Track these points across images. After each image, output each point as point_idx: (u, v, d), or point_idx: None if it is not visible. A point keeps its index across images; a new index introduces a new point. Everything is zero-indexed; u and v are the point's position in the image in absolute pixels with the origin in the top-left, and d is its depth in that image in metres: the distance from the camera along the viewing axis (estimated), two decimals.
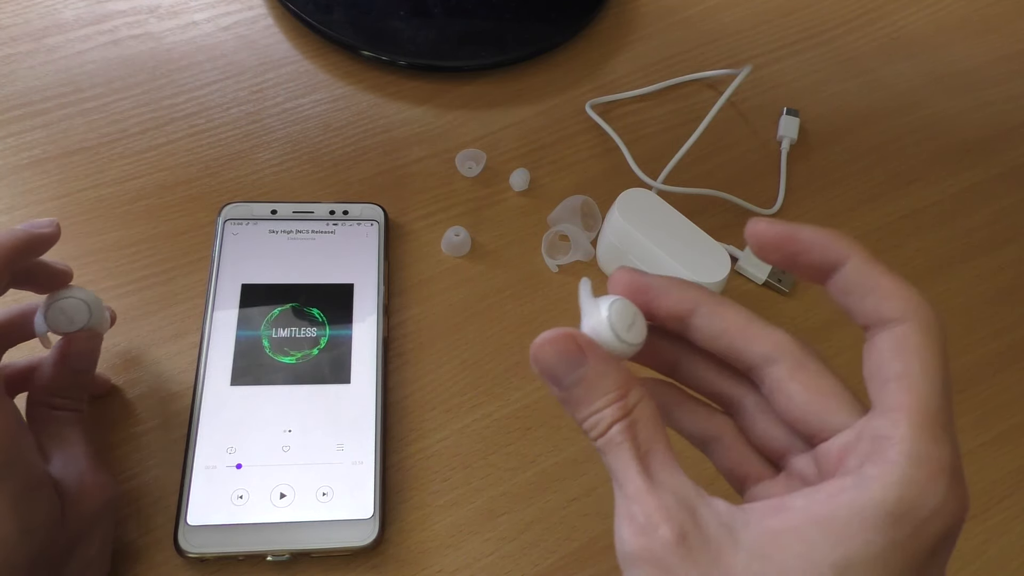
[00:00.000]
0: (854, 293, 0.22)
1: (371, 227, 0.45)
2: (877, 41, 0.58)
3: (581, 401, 0.23)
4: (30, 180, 0.46)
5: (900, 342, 0.22)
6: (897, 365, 0.21)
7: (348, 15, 0.53)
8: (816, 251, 0.22)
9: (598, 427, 0.23)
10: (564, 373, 0.23)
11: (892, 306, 0.22)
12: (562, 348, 0.23)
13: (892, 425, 0.21)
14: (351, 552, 0.37)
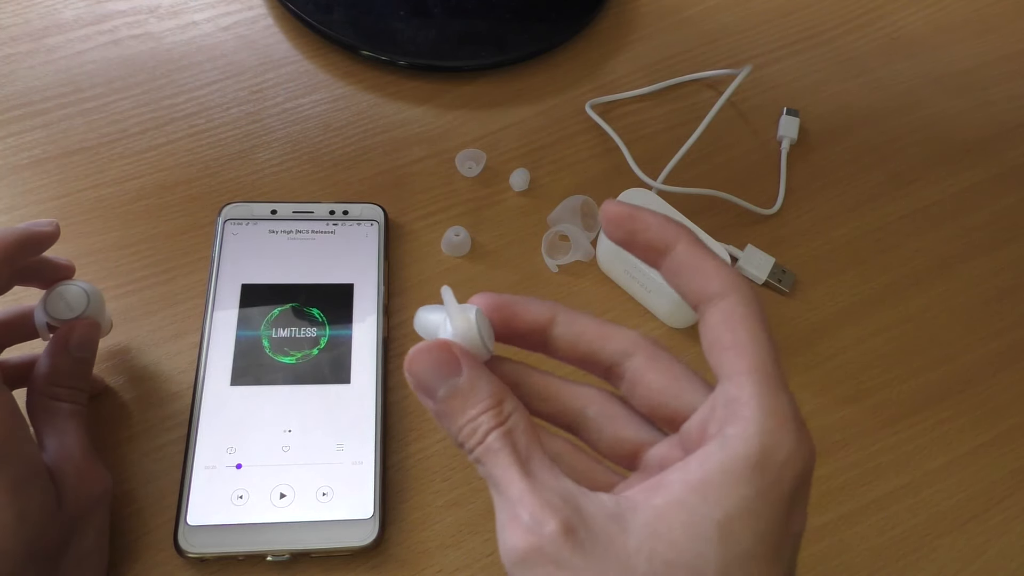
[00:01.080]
0: (683, 273, 0.24)
1: (371, 227, 0.45)
2: (877, 41, 0.58)
3: (456, 412, 0.24)
4: (30, 180, 0.46)
5: (728, 314, 0.23)
6: (729, 335, 0.23)
7: (348, 15, 0.53)
8: (652, 231, 0.24)
9: (475, 435, 0.23)
10: (439, 384, 0.24)
11: (716, 283, 0.24)
12: (437, 358, 0.24)
13: (738, 387, 0.22)
14: (351, 552, 0.37)
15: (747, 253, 0.47)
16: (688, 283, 0.24)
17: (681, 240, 0.24)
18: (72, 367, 0.36)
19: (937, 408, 0.44)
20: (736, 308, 0.23)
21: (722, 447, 0.21)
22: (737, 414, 0.22)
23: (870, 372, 0.45)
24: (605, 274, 0.46)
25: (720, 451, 0.21)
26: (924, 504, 0.41)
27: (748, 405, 0.22)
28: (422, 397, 0.24)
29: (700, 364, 0.44)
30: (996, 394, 0.45)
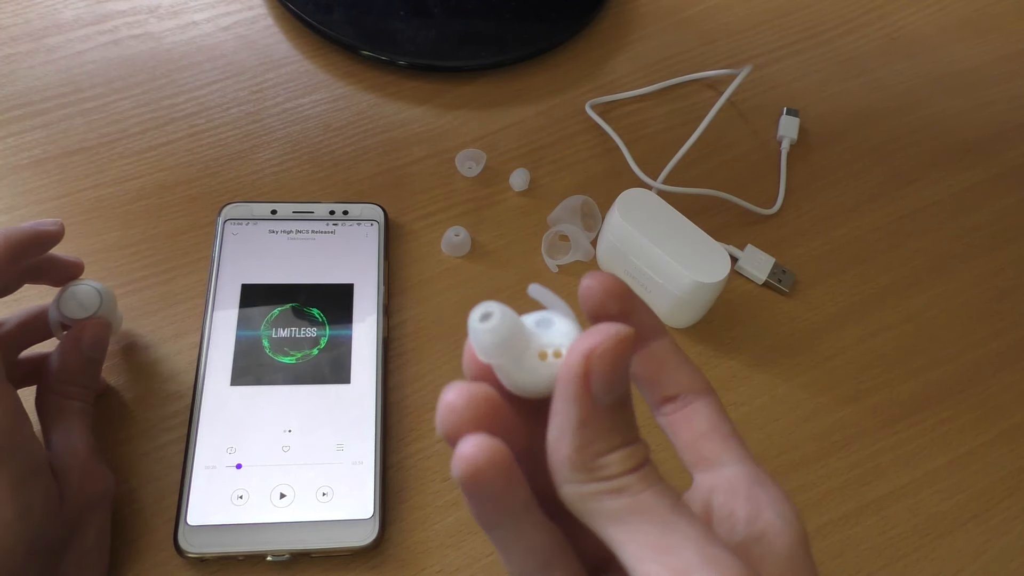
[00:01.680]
0: (669, 364, 0.24)
1: (371, 227, 0.45)
2: (877, 41, 0.58)
3: (614, 428, 0.20)
4: (30, 180, 0.46)
5: (717, 408, 0.24)
6: (726, 425, 0.24)
7: (348, 15, 0.53)
8: (646, 315, 0.24)
9: (629, 460, 0.19)
10: (615, 386, 0.19)
11: (701, 379, 0.24)
12: (624, 355, 0.19)
13: (755, 471, 0.23)
14: (351, 552, 0.37)
15: (747, 253, 0.47)
16: (673, 373, 0.24)
17: (667, 332, 0.24)
18: (83, 366, 0.36)
19: (937, 408, 0.44)
20: (719, 404, 0.24)
21: (785, 522, 0.22)
22: (775, 495, 0.23)
23: (870, 372, 0.45)
24: None
25: (786, 525, 0.22)
26: (924, 504, 0.41)
27: (775, 487, 0.23)
28: (579, 395, 0.19)
29: (697, 364, 0.44)
30: (996, 394, 0.45)
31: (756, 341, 0.45)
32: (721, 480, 0.23)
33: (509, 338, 0.19)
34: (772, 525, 0.22)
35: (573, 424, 0.19)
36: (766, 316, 0.46)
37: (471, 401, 0.20)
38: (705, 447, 0.24)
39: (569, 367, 0.19)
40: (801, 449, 0.42)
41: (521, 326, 0.20)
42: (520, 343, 0.20)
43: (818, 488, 0.41)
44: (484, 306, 0.20)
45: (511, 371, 0.20)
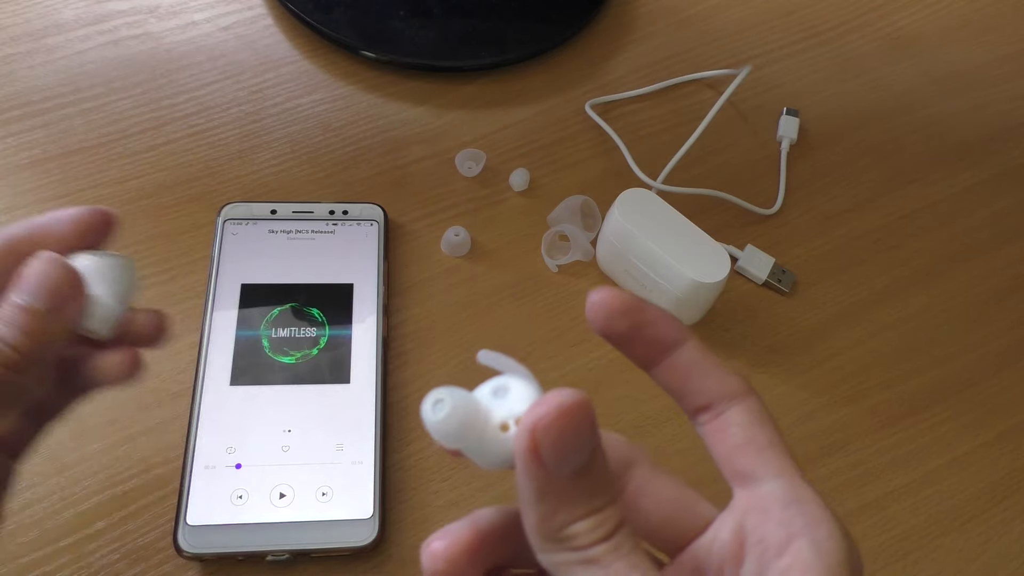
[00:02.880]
0: (696, 371, 0.22)
1: (371, 227, 0.45)
2: (877, 41, 0.58)
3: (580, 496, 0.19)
4: (30, 180, 0.46)
5: (756, 414, 0.22)
6: (765, 433, 0.22)
7: (348, 15, 0.53)
8: (661, 326, 0.22)
9: (600, 529, 0.19)
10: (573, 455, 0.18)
11: (735, 382, 0.22)
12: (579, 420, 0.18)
13: (795, 487, 0.21)
14: (351, 552, 0.37)
15: (747, 253, 0.47)
16: (702, 381, 0.22)
17: (691, 337, 0.22)
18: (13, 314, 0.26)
19: (937, 408, 0.44)
20: (761, 408, 0.22)
21: (818, 554, 0.20)
22: (812, 516, 0.20)
23: (870, 372, 0.45)
24: (605, 274, 0.46)
25: (817, 558, 0.20)
26: (924, 504, 0.41)
27: (817, 506, 0.21)
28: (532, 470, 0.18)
29: None
30: (996, 394, 0.45)
31: (756, 341, 0.45)
32: (756, 499, 0.21)
33: (464, 423, 0.19)
34: (800, 558, 0.20)
35: (532, 497, 0.19)
36: (766, 316, 0.46)
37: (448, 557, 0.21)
38: (740, 460, 0.22)
39: (518, 443, 0.18)
40: (801, 449, 0.42)
41: (475, 407, 0.19)
42: (477, 425, 0.19)
43: (818, 488, 0.40)
44: (434, 394, 0.19)
45: (474, 453, 0.20)
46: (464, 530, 0.21)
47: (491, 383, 0.20)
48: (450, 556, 0.21)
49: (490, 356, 0.20)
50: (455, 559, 0.21)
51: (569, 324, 0.44)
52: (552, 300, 0.45)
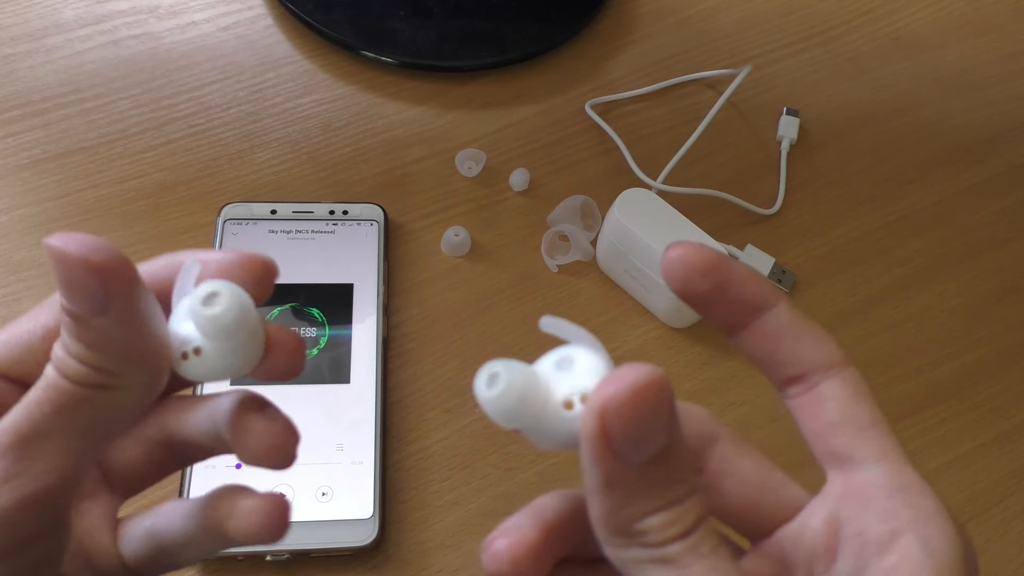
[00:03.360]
0: (788, 337, 0.20)
1: (371, 227, 0.45)
2: (877, 41, 0.58)
3: (659, 484, 0.17)
4: (30, 180, 0.46)
5: (854, 387, 0.20)
6: (866, 410, 0.19)
7: (348, 15, 0.53)
8: (749, 286, 0.20)
9: (680, 523, 0.17)
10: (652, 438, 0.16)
11: (832, 349, 0.20)
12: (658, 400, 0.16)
13: (901, 474, 0.19)
14: (351, 552, 0.37)
15: (747, 253, 0.47)
16: (794, 349, 0.20)
17: (783, 299, 0.20)
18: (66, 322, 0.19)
19: (937, 408, 0.44)
20: (860, 380, 0.20)
21: (928, 553, 0.17)
22: (921, 509, 0.18)
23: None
24: (605, 274, 0.46)
25: (927, 558, 0.17)
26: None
27: (927, 496, 0.19)
28: (600, 456, 0.16)
29: (697, 364, 0.44)
30: (996, 394, 0.45)
31: None
32: (854, 486, 0.19)
33: (523, 399, 0.17)
34: (908, 558, 0.17)
35: (599, 486, 0.16)
36: None
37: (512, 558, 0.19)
38: (835, 440, 0.19)
39: (584, 426, 0.16)
40: (802, 449, 0.42)
41: (534, 381, 0.17)
42: (536, 401, 0.17)
43: (818, 488, 0.41)
44: (488, 367, 0.17)
45: (533, 433, 0.17)
46: (528, 526, 0.19)
47: (554, 354, 0.18)
48: (515, 556, 0.19)
49: (554, 323, 0.18)
50: (520, 559, 0.19)
51: None
52: (552, 300, 0.45)
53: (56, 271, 0.17)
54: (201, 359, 0.19)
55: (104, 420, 0.18)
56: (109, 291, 0.17)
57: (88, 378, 0.17)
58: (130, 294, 0.17)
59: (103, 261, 0.16)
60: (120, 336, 0.17)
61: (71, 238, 0.16)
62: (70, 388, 0.17)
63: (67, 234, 0.16)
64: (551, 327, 0.18)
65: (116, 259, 0.17)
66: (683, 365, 0.44)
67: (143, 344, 0.18)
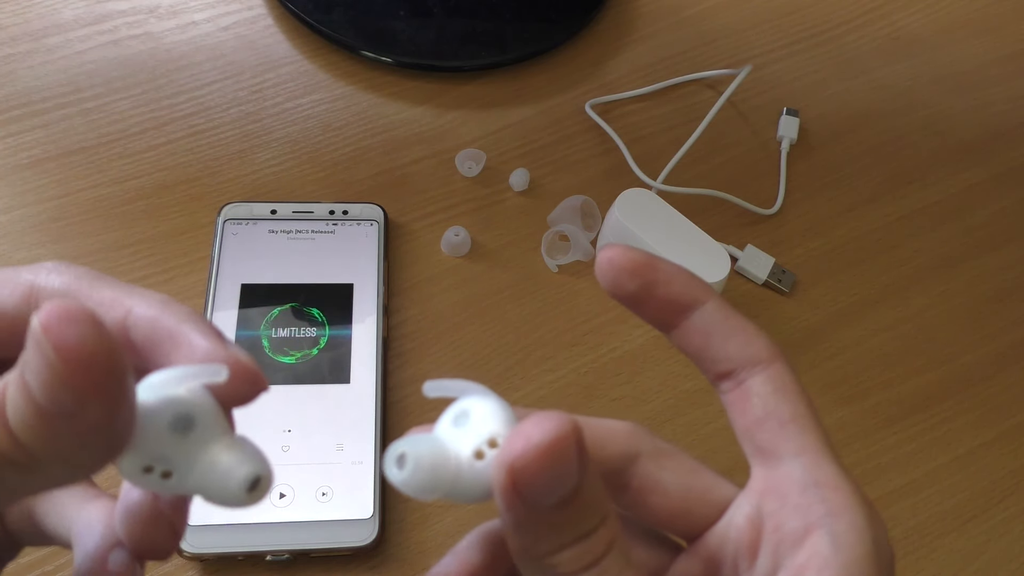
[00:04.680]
0: (716, 334, 0.20)
1: (371, 227, 0.45)
2: (877, 41, 0.58)
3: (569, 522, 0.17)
4: (30, 180, 0.46)
5: (780, 383, 0.20)
6: (787, 406, 0.20)
7: (348, 15, 0.53)
8: (676, 284, 0.20)
9: (588, 555, 0.17)
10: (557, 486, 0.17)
11: (760, 346, 0.20)
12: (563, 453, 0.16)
13: (817, 469, 0.19)
14: (351, 552, 0.37)
15: (747, 253, 0.47)
16: (722, 346, 0.20)
17: (711, 297, 0.20)
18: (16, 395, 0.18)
19: (937, 408, 0.44)
20: (786, 376, 0.20)
21: (836, 549, 0.17)
22: (834, 503, 0.18)
23: (870, 372, 0.45)
24: None
25: (836, 554, 0.17)
26: (924, 504, 0.41)
27: (841, 491, 0.18)
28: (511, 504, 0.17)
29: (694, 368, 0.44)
30: (996, 394, 0.45)
31: None
32: (773, 481, 0.19)
33: (433, 469, 0.17)
34: (816, 554, 0.18)
35: (512, 528, 0.17)
36: (766, 316, 0.46)
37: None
38: (758, 436, 0.20)
39: (495, 479, 0.16)
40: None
41: (440, 448, 0.17)
42: (448, 467, 0.17)
43: None
44: (393, 450, 0.17)
45: (455, 496, 0.18)
46: (453, 571, 0.20)
47: (448, 413, 0.18)
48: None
49: (436, 385, 0.18)
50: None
51: (569, 324, 0.44)
52: (552, 300, 0.45)
53: (32, 357, 0.14)
54: (167, 483, 0.17)
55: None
56: (82, 407, 0.15)
57: (10, 454, 0.15)
58: (106, 412, 0.15)
59: (91, 380, 0.14)
60: (71, 441, 0.15)
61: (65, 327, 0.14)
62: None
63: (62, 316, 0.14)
64: (435, 391, 0.18)
65: (106, 375, 0.14)
66: (683, 365, 0.44)
67: (90, 454, 0.16)
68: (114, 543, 0.19)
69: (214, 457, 0.17)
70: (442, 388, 0.18)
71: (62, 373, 0.14)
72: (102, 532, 0.20)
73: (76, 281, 0.19)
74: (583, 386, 0.43)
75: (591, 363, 0.43)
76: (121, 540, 0.19)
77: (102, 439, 0.15)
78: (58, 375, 0.14)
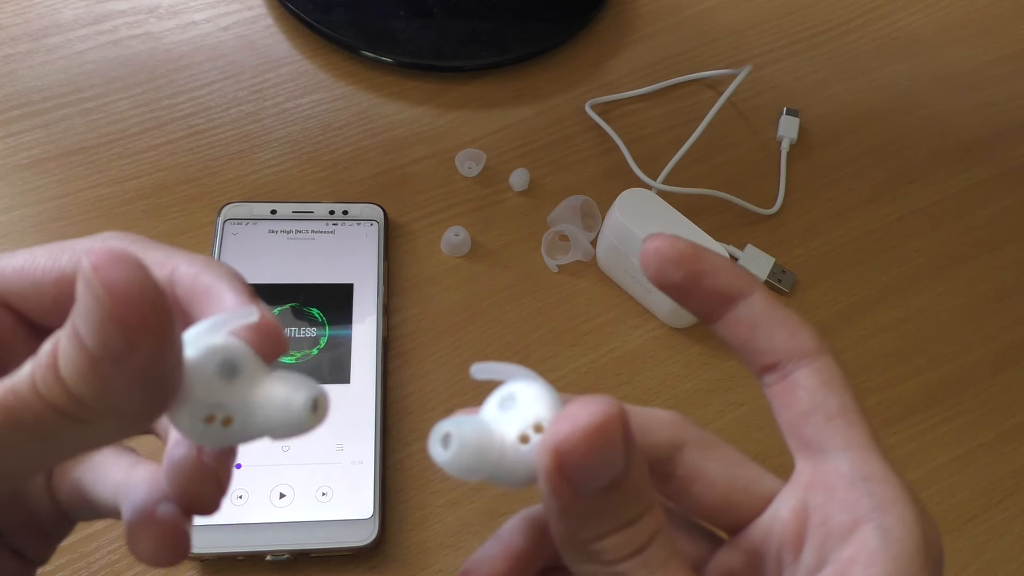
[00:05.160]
0: (763, 326, 0.20)
1: (371, 227, 0.45)
2: (877, 41, 0.58)
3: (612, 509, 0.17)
4: (30, 180, 0.46)
5: (827, 376, 0.20)
6: (835, 400, 0.19)
7: (348, 15, 0.53)
8: (723, 275, 0.20)
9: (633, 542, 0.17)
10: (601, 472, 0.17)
11: (806, 338, 0.20)
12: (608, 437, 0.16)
13: (866, 463, 0.19)
14: (351, 552, 0.37)
15: (747, 253, 0.47)
16: (769, 338, 0.20)
17: (757, 288, 0.20)
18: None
19: (937, 408, 0.44)
20: (834, 369, 0.20)
21: (885, 543, 0.17)
22: (882, 497, 0.18)
23: (870, 372, 0.45)
24: (605, 274, 0.46)
25: (884, 548, 0.17)
26: (924, 504, 0.41)
27: (889, 484, 0.18)
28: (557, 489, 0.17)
29: (697, 364, 0.44)
30: (996, 394, 0.45)
31: None
32: (820, 474, 0.19)
33: (477, 451, 0.17)
34: (865, 547, 0.17)
35: (557, 513, 0.17)
36: None
37: None
38: (805, 429, 0.20)
39: (540, 462, 0.16)
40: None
41: (485, 430, 0.17)
42: (493, 449, 0.17)
43: None
44: (439, 429, 0.17)
45: (498, 479, 0.18)
46: (497, 556, 0.20)
47: (495, 396, 0.18)
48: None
49: (485, 368, 0.18)
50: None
51: (569, 324, 0.44)
52: (552, 300, 0.45)
53: (82, 299, 0.15)
54: (231, 430, 0.17)
55: (55, 448, 0.17)
56: (132, 347, 0.15)
57: (64, 407, 0.16)
58: (155, 352, 0.15)
59: (139, 318, 0.14)
60: (123, 387, 0.15)
61: (114, 268, 0.14)
62: (38, 408, 0.16)
63: (111, 257, 0.14)
64: (483, 373, 0.18)
65: (154, 313, 0.15)
66: (683, 365, 0.44)
67: (143, 400, 0.16)
68: (161, 497, 0.20)
69: (268, 392, 0.17)
70: (489, 371, 0.18)
71: (111, 310, 0.14)
72: (148, 489, 0.20)
73: (130, 244, 0.20)
74: (583, 386, 0.43)
75: (591, 363, 0.43)
76: (168, 495, 0.19)
77: (153, 383, 0.16)
78: (108, 312, 0.14)
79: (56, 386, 0.15)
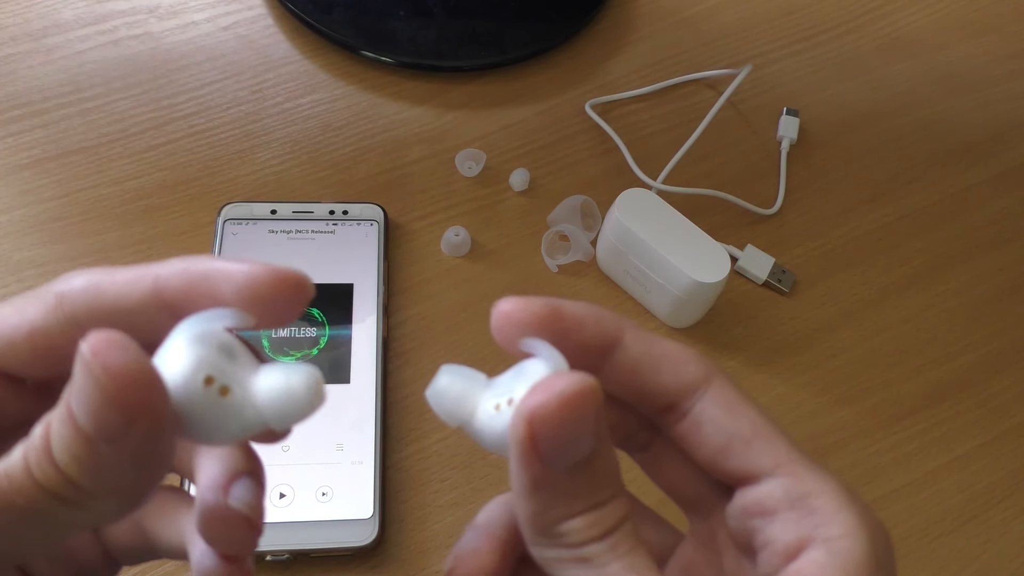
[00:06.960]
0: (644, 369, 0.19)
1: (371, 227, 0.45)
2: (877, 41, 0.58)
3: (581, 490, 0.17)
4: (30, 180, 0.46)
5: (725, 401, 0.19)
6: (745, 424, 0.19)
7: (348, 15, 0.53)
8: (588, 326, 0.18)
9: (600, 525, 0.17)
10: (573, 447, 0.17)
11: (691, 368, 0.19)
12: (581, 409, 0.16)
13: (797, 481, 0.18)
14: (351, 552, 0.37)
15: (747, 253, 0.47)
16: (652, 380, 0.19)
17: (627, 329, 0.19)
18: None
19: (937, 408, 0.44)
20: (729, 391, 0.19)
21: (833, 555, 0.17)
22: (823, 512, 0.18)
23: (870, 372, 0.45)
24: (605, 274, 0.46)
25: (832, 560, 0.17)
26: (924, 504, 0.41)
27: (828, 497, 0.18)
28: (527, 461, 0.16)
29: None
30: (996, 394, 0.45)
31: (756, 341, 0.45)
32: (756, 497, 0.19)
33: (457, 398, 0.18)
34: (812, 562, 0.17)
35: (525, 489, 0.17)
36: (766, 316, 0.46)
37: None
38: (728, 464, 0.19)
39: (513, 430, 0.16)
40: (801, 449, 0.42)
41: (472, 383, 0.18)
42: (469, 403, 0.18)
43: None
44: (444, 368, 0.18)
45: (472, 432, 0.18)
46: (483, 547, 0.20)
47: (517, 365, 0.18)
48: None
49: (531, 343, 0.18)
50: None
51: None
52: None
53: (79, 381, 0.15)
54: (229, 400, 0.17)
55: (48, 532, 0.16)
56: (129, 426, 0.15)
57: (58, 489, 0.15)
58: (150, 430, 0.15)
59: (137, 397, 0.15)
60: (117, 467, 0.15)
61: (112, 351, 0.14)
62: (31, 491, 0.15)
63: (108, 342, 0.15)
64: (527, 347, 0.18)
65: (151, 392, 0.15)
66: None
67: (136, 479, 0.16)
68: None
69: (266, 374, 0.18)
70: (534, 345, 0.18)
71: (110, 391, 0.14)
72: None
73: (96, 274, 0.20)
74: None
75: None
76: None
77: (147, 461, 0.16)
78: (107, 395, 0.14)
79: (50, 468, 0.15)
